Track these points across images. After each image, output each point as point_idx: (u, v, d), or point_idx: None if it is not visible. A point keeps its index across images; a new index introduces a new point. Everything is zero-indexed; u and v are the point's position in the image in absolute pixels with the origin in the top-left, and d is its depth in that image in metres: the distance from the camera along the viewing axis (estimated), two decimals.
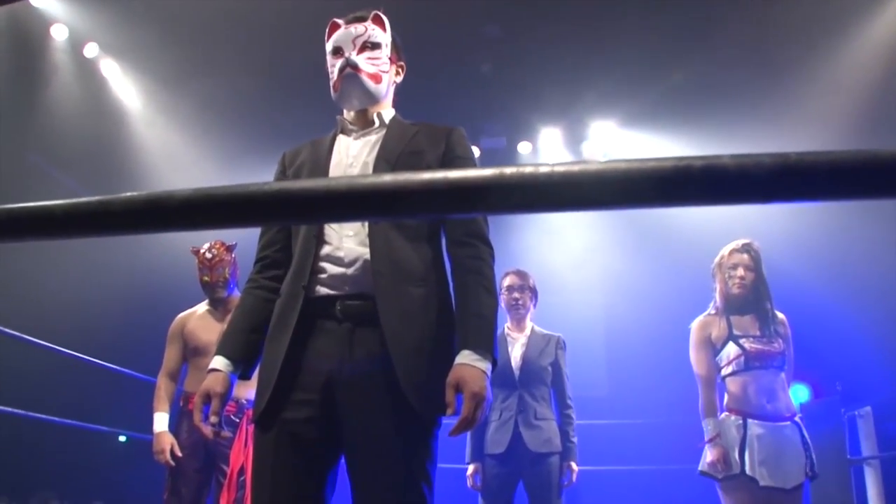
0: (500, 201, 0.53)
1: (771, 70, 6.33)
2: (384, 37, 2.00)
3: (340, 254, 1.81)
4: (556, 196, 0.52)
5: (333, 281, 1.79)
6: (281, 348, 1.76)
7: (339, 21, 2.01)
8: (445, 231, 1.90)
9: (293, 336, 1.76)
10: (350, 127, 2.01)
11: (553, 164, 0.52)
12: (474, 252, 1.84)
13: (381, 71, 1.97)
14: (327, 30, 2.03)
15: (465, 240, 1.85)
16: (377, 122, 1.99)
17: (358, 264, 1.79)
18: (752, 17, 5.87)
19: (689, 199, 0.53)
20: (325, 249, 1.82)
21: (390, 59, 2.02)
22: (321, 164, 1.93)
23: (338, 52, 1.98)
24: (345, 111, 2.04)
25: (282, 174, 2.03)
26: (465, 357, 1.71)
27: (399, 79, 2.11)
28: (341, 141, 1.99)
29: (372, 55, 1.96)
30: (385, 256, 1.78)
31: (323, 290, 1.79)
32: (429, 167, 1.90)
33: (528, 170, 0.52)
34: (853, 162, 0.53)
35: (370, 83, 1.94)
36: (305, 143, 2.05)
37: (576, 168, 0.52)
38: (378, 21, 2.01)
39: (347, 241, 1.82)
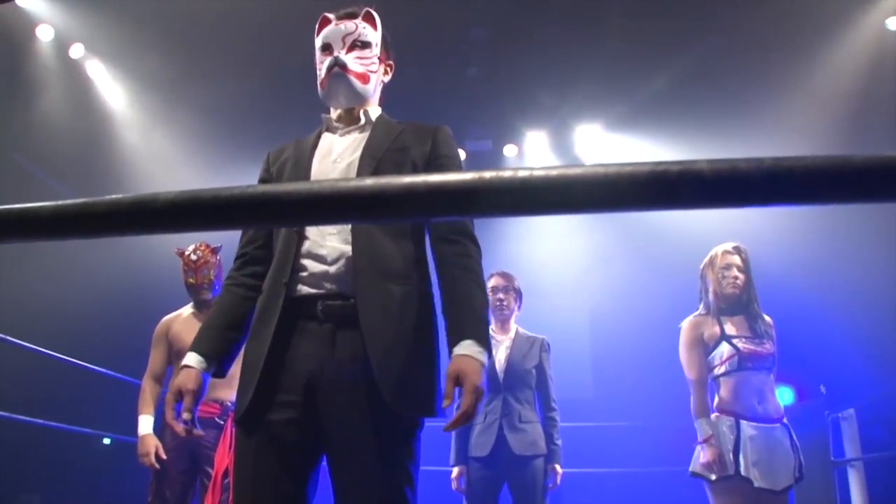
0: (480, 205, 0.53)
1: (756, 74, 6.37)
2: (374, 35, 1.99)
3: (322, 251, 1.79)
4: (535, 200, 0.53)
5: (315, 279, 1.78)
6: (262, 348, 1.75)
7: (330, 16, 2.00)
8: (430, 228, 1.88)
9: (274, 336, 1.75)
10: (335, 125, 2.00)
11: (532, 168, 0.53)
12: (462, 250, 1.82)
13: (370, 71, 1.96)
14: (317, 25, 2.01)
15: (451, 237, 1.84)
16: (363, 120, 1.98)
17: (340, 262, 1.78)
18: (737, 22, 5.90)
19: (666, 203, 0.54)
20: (307, 246, 1.81)
21: (379, 58, 2.01)
22: (304, 161, 1.92)
23: (327, 48, 1.97)
24: (331, 109, 2.03)
25: (266, 172, 2.02)
26: (466, 348, 1.67)
27: (387, 78, 2.09)
28: (326, 138, 1.99)
29: (361, 54, 1.95)
30: (367, 254, 1.77)
31: (304, 289, 1.78)
32: (414, 164, 1.90)
33: (507, 173, 0.53)
34: (827, 167, 0.54)
35: (358, 83, 1.94)
36: (290, 143, 2.04)
37: (554, 172, 0.53)
38: (369, 19, 2.00)
39: (330, 238, 1.80)
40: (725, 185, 0.53)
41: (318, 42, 1.99)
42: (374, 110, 2.03)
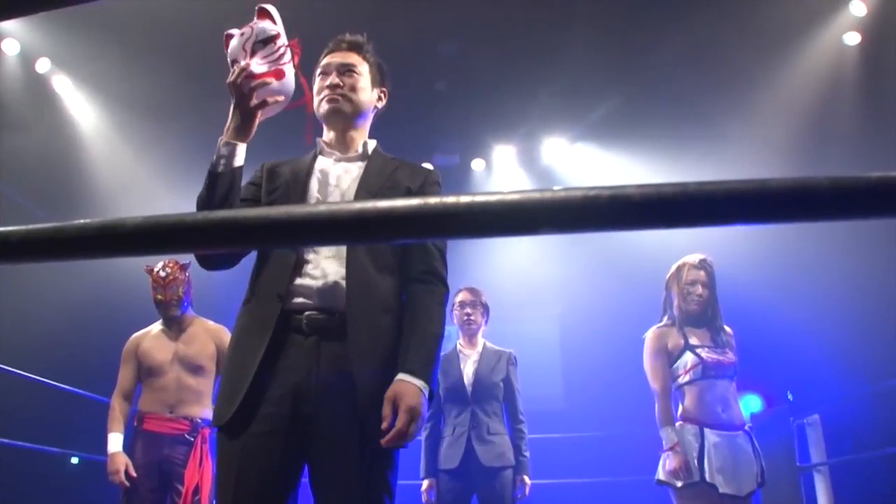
0: (425, 228, 0.58)
1: (718, 87, 6.49)
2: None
3: (317, 271, 1.86)
4: (476, 224, 0.57)
5: (305, 294, 1.84)
6: (254, 358, 1.78)
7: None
8: (406, 267, 1.96)
9: (266, 348, 1.79)
10: (329, 150, 2.06)
11: (473, 194, 0.58)
12: (430, 289, 1.93)
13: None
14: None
15: (423, 278, 1.94)
16: (360, 150, 2.06)
17: (332, 281, 1.84)
18: (699, 37, 6.02)
19: (598, 226, 0.59)
20: (303, 264, 1.87)
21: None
22: (300, 187, 1.98)
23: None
24: (325, 133, 2.09)
25: (253, 185, 2.05)
26: (407, 376, 1.77)
27: (381, 104, 2.17)
28: (321, 162, 2.04)
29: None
30: (359, 278, 1.84)
31: (293, 303, 1.83)
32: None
33: (450, 199, 0.57)
34: (745, 191, 0.59)
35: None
36: (286, 161, 2.09)
37: (493, 198, 0.57)
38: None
39: (326, 260, 1.87)
40: (653, 208, 0.58)
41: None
42: (371, 143, 2.10)
